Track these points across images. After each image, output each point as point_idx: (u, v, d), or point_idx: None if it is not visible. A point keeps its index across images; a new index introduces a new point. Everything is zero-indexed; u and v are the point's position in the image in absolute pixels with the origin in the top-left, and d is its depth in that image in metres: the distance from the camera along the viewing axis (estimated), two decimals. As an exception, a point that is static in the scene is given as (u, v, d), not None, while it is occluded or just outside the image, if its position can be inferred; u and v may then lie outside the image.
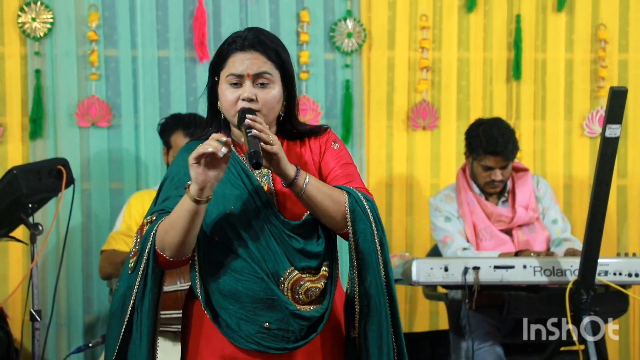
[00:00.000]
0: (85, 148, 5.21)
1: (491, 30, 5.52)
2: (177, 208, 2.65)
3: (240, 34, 2.79)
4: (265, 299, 2.71)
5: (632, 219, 5.61)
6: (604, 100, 5.50)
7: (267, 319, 2.72)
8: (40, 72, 5.14)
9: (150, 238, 2.68)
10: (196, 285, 2.77)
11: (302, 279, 2.74)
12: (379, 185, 5.46)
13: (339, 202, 2.73)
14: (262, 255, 2.71)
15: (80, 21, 5.20)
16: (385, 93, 5.45)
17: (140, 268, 2.70)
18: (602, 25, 5.56)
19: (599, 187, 4.02)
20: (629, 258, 4.46)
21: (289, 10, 5.36)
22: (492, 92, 5.54)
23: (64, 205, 4.59)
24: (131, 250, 2.76)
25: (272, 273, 2.72)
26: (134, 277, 2.71)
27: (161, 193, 2.79)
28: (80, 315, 5.22)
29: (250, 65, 2.73)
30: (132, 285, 2.71)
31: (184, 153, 2.79)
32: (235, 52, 2.75)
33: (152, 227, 2.69)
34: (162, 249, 2.67)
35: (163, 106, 5.27)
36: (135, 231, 4.51)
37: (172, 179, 2.78)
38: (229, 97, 2.73)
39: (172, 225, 2.64)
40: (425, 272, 4.33)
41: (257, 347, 2.72)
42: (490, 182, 4.81)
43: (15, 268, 5.19)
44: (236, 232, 2.71)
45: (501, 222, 4.84)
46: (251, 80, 2.73)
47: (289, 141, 2.84)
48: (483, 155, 4.77)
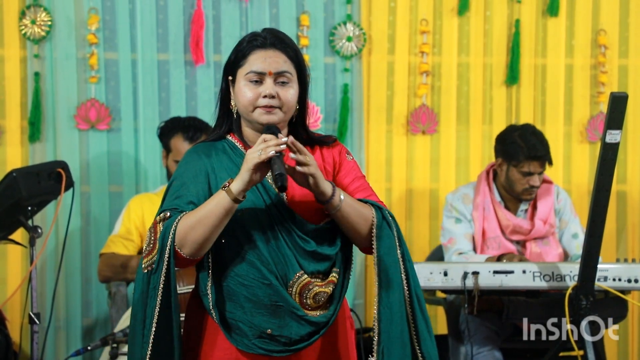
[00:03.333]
0: (85, 151, 5.21)
1: (491, 35, 5.52)
2: (209, 205, 2.64)
3: (258, 33, 2.80)
4: (269, 305, 2.71)
5: (631, 225, 5.61)
6: (604, 106, 5.50)
7: (270, 325, 2.72)
8: (39, 74, 5.14)
9: (170, 234, 2.65)
10: (207, 285, 2.75)
11: (311, 283, 2.74)
12: (378, 190, 5.41)
13: (367, 218, 2.77)
14: (272, 258, 2.71)
15: (80, 24, 5.19)
16: (385, 97, 5.45)
17: (162, 267, 2.66)
18: (602, 31, 5.57)
19: (599, 192, 4.02)
20: (628, 264, 4.45)
21: (289, 14, 5.36)
22: (492, 97, 5.54)
23: (63, 208, 4.59)
24: (145, 249, 2.72)
25: (281, 276, 2.72)
26: (157, 277, 2.67)
27: (170, 192, 2.77)
28: (79, 319, 5.21)
29: (272, 63, 2.75)
30: (156, 285, 2.67)
31: (192, 154, 2.80)
32: (255, 49, 2.77)
33: (170, 223, 2.67)
34: (181, 246, 2.65)
35: (163, 109, 5.26)
36: (134, 234, 4.50)
37: (182, 179, 2.76)
38: (249, 95, 2.74)
39: (201, 222, 2.62)
40: (424, 277, 4.33)
41: (261, 351, 2.72)
42: (528, 189, 4.74)
43: (14, 271, 5.18)
44: (247, 234, 2.71)
45: (518, 233, 4.80)
46: (272, 79, 2.74)
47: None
48: (525, 161, 4.70)
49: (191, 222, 2.64)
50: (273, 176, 2.61)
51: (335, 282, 2.79)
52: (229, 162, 2.78)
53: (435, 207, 5.49)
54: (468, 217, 4.84)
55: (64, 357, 4.99)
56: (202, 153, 2.80)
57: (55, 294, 4.48)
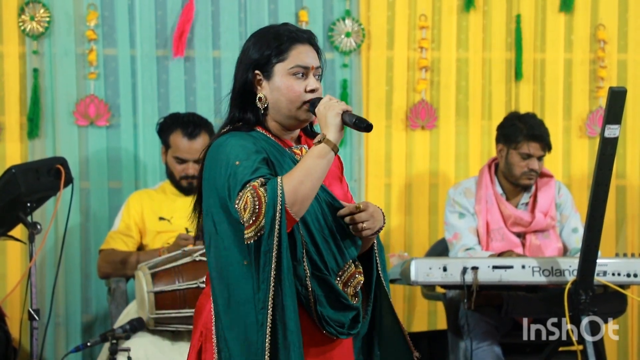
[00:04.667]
0: (84, 147, 5.21)
1: (490, 30, 5.52)
2: (309, 160, 2.65)
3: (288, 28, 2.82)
4: (320, 295, 2.73)
5: (630, 220, 5.61)
6: (603, 101, 5.50)
7: (314, 314, 2.73)
8: (38, 71, 5.14)
9: (279, 194, 2.59)
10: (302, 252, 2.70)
11: (355, 272, 2.81)
12: (377, 185, 5.46)
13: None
14: (325, 248, 2.73)
15: (79, 20, 5.19)
16: (384, 93, 5.45)
17: (275, 228, 2.59)
18: (601, 26, 5.56)
19: (598, 187, 4.02)
20: (627, 258, 4.46)
21: (288, 10, 5.35)
22: (492, 92, 5.53)
23: (63, 205, 4.59)
24: (248, 218, 2.60)
25: (332, 267, 2.75)
26: (271, 240, 2.59)
27: (242, 168, 2.65)
28: (79, 315, 5.22)
29: (314, 59, 2.80)
30: (270, 249, 2.59)
31: (234, 137, 2.74)
32: (296, 44, 2.78)
33: (274, 183, 2.61)
34: (292, 204, 2.60)
35: (162, 106, 5.26)
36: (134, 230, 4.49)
37: (248, 156, 2.68)
38: (297, 89, 2.76)
39: (309, 175, 2.63)
40: (423, 272, 4.33)
41: (332, 330, 2.76)
42: (527, 172, 4.77)
43: (13, 267, 5.19)
44: (306, 224, 2.72)
45: (518, 225, 4.81)
46: (313, 73, 2.79)
47: (309, 139, 2.89)
48: (524, 141, 4.74)
49: (299, 177, 2.62)
50: (354, 121, 2.68)
51: (362, 273, 2.86)
52: (271, 147, 2.76)
53: (434, 202, 5.49)
54: (471, 211, 4.85)
55: (64, 353, 4.99)
56: (246, 138, 2.74)
57: (54, 290, 4.49)
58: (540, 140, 4.76)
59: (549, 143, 4.80)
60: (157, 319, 4.17)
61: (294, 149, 2.81)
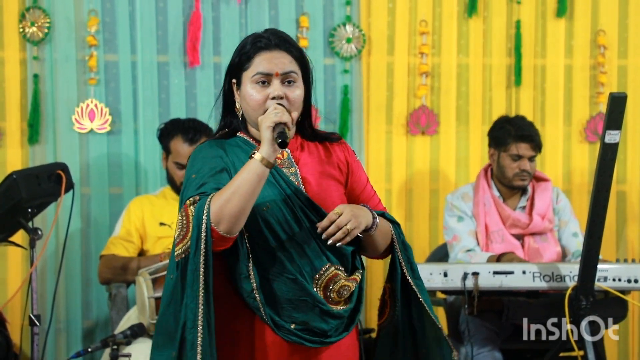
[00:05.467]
0: (85, 153, 5.21)
1: (490, 36, 5.52)
2: (240, 176, 2.62)
3: (261, 34, 2.80)
4: (294, 299, 2.72)
5: (631, 225, 5.61)
6: (604, 106, 5.50)
7: (293, 320, 2.73)
8: (38, 76, 5.14)
9: (204, 212, 2.61)
10: (248, 267, 2.71)
11: (337, 275, 2.76)
12: (378, 191, 5.38)
13: (387, 236, 2.86)
14: (296, 252, 2.72)
15: (79, 26, 5.20)
16: (384, 98, 5.46)
17: (201, 247, 2.62)
18: (601, 32, 5.57)
19: (599, 193, 4.02)
20: (628, 264, 4.46)
21: (289, 16, 5.36)
22: (492, 98, 5.54)
23: (63, 210, 4.59)
24: (177, 236, 2.68)
25: (307, 271, 2.73)
26: (197, 258, 2.62)
27: (191, 184, 2.71)
28: (79, 320, 5.22)
29: (279, 64, 2.74)
30: (197, 267, 2.62)
31: (207, 148, 2.78)
32: (261, 51, 2.76)
33: (202, 202, 2.63)
34: (218, 222, 2.60)
35: (162, 111, 5.27)
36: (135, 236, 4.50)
37: (202, 169, 2.72)
38: (257, 97, 2.74)
39: (236, 192, 2.59)
40: (424, 278, 4.25)
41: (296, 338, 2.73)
42: (519, 173, 4.81)
43: (14, 273, 5.18)
44: (273, 229, 2.72)
45: (516, 227, 4.84)
46: (279, 79, 2.74)
47: (307, 141, 2.87)
48: (512, 143, 4.80)
49: (225, 195, 2.61)
50: (275, 134, 2.61)
51: (358, 280, 2.82)
52: (245, 155, 2.77)
53: (435, 207, 5.49)
54: (469, 214, 4.87)
55: (65, 358, 4.99)
56: (216, 147, 2.78)
57: (55, 296, 4.48)
58: (529, 141, 4.80)
59: (538, 143, 4.84)
60: (157, 324, 4.16)
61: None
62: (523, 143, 4.80)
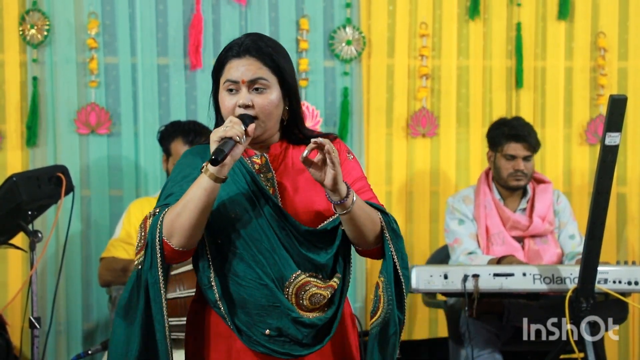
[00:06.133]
0: (85, 155, 5.21)
1: (491, 38, 5.52)
2: (190, 190, 2.62)
3: (237, 41, 2.78)
4: (267, 305, 2.70)
5: (631, 227, 5.61)
6: (604, 108, 5.51)
7: (268, 326, 2.71)
8: (37, 79, 5.14)
9: (157, 226, 2.65)
10: (210, 277, 2.72)
11: (308, 283, 2.72)
12: (378, 193, 5.38)
13: (375, 222, 2.75)
14: (266, 260, 2.70)
15: (79, 28, 5.20)
16: (384, 100, 5.46)
17: (157, 261, 2.66)
18: (601, 34, 5.57)
19: (599, 195, 4.02)
20: (628, 266, 4.46)
21: (289, 18, 5.36)
22: (492, 100, 5.54)
23: (64, 213, 4.59)
24: (137, 246, 2.73)
25: (276, 278, 2.70)
26: (155, 271, 2.66)
27: (164, 191, 2.78)
28: (80, 323, 5.22)
29: (245, 72, 2.72)
30: (156, 280, 2.66)
31: (188, 155, 2.81)
32: (231, 58, 2.75)
33: (157, 216, 2.67)
34: (170, 236, 2.64)
35: (163, 114, 5.27)
36: (135, 238, 4.50)
37: (175, 178, 2.76)
38: (227, 104, 2.74)
39: (185, 207, 2.61)
40: (424, 280, 4.34)
41: (263, 349, 2.71)
42: (514, 173, 4.83)
43: (14, 275, 5.19)
44: (240, 235, 2.70)
45: (516, 229, 4.84)
46: (247, 87, 2.72)
47: (295, 145, 2.83)
48: (506, 143, 4.82)
49: (177, 210, 2.63)
50: (214, 150, 2.59)
51: (335, 287, 2.77)
52: None
53: (435, 210, 5.49)
54: (470, 217, 4.87)
55: (65, 361, 5.00)
56: (196, 155, 2.79)
57: (55, 298, 4.49)
58: (523, 141, 4.81)
59: (533, 143, 4.85)
60: (158, 327, 4.16)
61: (254, 158, 2.78)
62: (516, 143, 4.82)
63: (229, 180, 2.66)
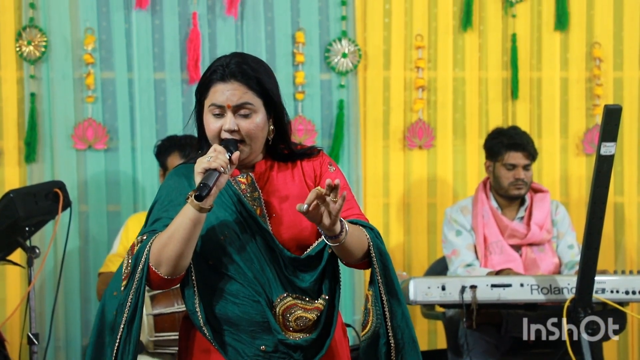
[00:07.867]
0: (82, 171, 5.22)
1: (486, 49, 5.53)
2: (176, 220, 2.62)
3: (222, 62, 2.76)
4: (261, 322, 2.70)
5: (629, 237, 5.61)
6: (600, 118, 5.50)
7: (264, 342, 2.71)
8: (35, 95, 5.15)
9: (143, 255, 2.65)
10: (194, 303, 2.73)
11: (295, 305, 2.72)
12: (375, 205, 5.46)
13: (363, 242, 2.73)
14: (257, 279, 2.70)
15: (76, 44, 5.21)
16: (381, 113, 5.46)
17: (132, 286, 2.66)
18: (596, 44, 5.58)
19: (595, 205, 4.03)
20: (626, 275, 4.46)
21: (285, 32, 5.37)
22: (488, 111, 5.55)
23: (61, 228, 4.60)
24: (122, 272, 2.71)
25: (264, 298, 2.70)
26: (126, 294, 2.66)
27: (151, 215, 2.77)
28: (78, 338, 5.21)
29: (231, 97, 2.71)
30: (124, 303, 2.67)
31: (174, 177, 2.81)
32: (216, 82, 2.74)
33: (144, 244, 2.66)
34: (158, 265, 2.64)
35: (160, 128, 5.27)
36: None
37: (162, 202, 2.76)
38: (212, 127, 2.74)
39: (172, 237, 2.61)
40: (422, 291, 4.34)
41: None
42: (514, 182, 4.85)
43: (12, 291, 5.19)
44: (230, 257, 2.70)
45: (514, 237, 4.86)
46: (232, 111, 2.72)
47: (279, 162, 2.83)
48: (506, 152, 4.84)
49: (163, 239, 2.63)
50: (198, 184, 2.59)
51: (321, 309, 2.76)
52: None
53: (433, 221, 5.49)
54: (468, 228, 4.88)
55: (64, 377, 4.99)
56: (182, 175, 2.79)
57: (54, 314, 4.49)
58: (522, 149, 4.84)
59: (532, 152, 4.88)
60: (156, 341, 4.16)
61: (239, 178, 2.78)
62: (516, 152, 4.83)
63: (217, 203, 2.66)
